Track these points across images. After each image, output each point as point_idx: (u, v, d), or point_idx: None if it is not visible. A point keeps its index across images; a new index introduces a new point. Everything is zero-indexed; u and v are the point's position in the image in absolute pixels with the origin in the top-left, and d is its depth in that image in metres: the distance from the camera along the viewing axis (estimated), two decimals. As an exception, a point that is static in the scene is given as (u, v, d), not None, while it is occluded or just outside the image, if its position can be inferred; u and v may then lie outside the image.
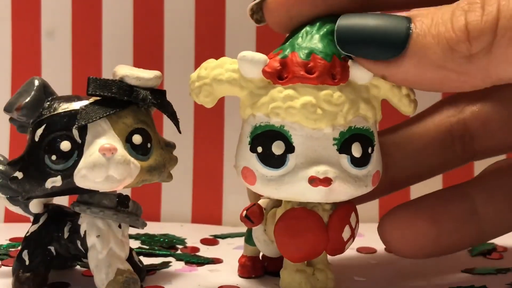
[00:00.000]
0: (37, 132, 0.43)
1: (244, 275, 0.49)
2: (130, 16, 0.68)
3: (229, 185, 0.68)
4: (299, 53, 0.42)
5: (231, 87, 0.42)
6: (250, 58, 0.41)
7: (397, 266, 0.50)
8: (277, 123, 0.41)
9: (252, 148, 0.42)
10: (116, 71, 0.44)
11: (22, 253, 0.46)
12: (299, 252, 0.43)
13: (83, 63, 0.68)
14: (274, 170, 0.41)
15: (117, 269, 0.44)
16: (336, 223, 0.43)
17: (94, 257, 0.44)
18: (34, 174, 0.43)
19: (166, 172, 0.46)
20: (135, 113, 0.44)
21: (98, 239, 0.44)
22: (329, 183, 0.40)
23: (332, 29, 0.42)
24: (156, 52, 0.68)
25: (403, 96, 0.42)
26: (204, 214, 0.63)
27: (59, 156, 0.42)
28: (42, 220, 0.47)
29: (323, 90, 0.41)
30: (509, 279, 0.49)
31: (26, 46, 0.68)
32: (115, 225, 0.45)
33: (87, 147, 0.42)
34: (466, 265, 0.51)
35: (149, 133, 0.44)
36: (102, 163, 0.41)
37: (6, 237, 0.60)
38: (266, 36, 0.68)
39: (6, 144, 0.69)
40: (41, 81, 0.44)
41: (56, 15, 0.68)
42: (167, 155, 0.46)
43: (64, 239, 0.46)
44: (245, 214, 0.45)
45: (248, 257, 0.49)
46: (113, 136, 0.43)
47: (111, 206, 0.45)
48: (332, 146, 0.41)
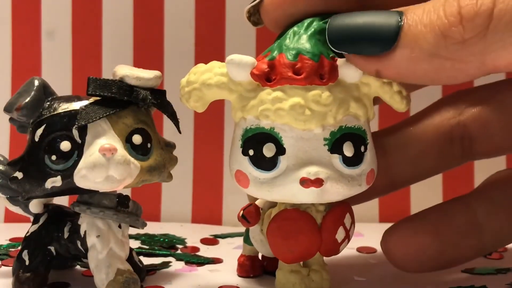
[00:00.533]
0: (37, 132, 0.43)
1: (242, 275, 0.49)
2: (130, 16, 0.68)
3: (229, 185, 0.67)
4: (287, 54, 0.41)
5: (220, 91, 0.42)
6: (238, 61, 0.41)
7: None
8: (267, 125, 0.41)
9: (244, 151, 0.42)
10: (116, 71, 0.44)
11: (22, 253, 0.46)
12: (291, 253, 0.43)
13: (83, 63, 0.68)
14: (266, 172, 0.41)
15: (117, 269, 0.44)
16: (329, 225, 0.43)
17: (94, 257, 0.44)
18: (34, 174, 0.43)
19: (166, 172, 0.46)
20: (135, 113, 0.44)
21: (98, 239, 0.44)
22: (321, 183, 0.40)
23: (319, 29, 0.42)
24: (156, 52, 0.68)
25: (394, 93, 0.42)
26: (204, 214, 0.63)
27: (59, 156, 0.42)
28: (42, 220, 0.47)
29: (311, 90, 0.41)
30: (509, 279, 0.49)
31: (26, 47, 0.68)
32: (115, 225, 0.45)
33: (87, 147, 0.42)
34: (466, 265, 0.51)
35: (149, 133, 0.44)
36: (102, 163, 0.41)
37: (6, 237, 0.60)
38: (266, 36, 0.67)
39: (6, 144, 0.69)
40: (41, 81, 0.44)
41: (56, 15, 0.68)
42: (167, 155, 0.46)
43: (64, 239, 0.46)
44: (242, 214, 0.45)
45: (247, 256, 0.49)
46: (113, 136, 0.43)
47: (111, 206, 0.45)
48: (323, 147, 0.41)
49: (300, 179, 0.40)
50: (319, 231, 0.43)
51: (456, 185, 0.66)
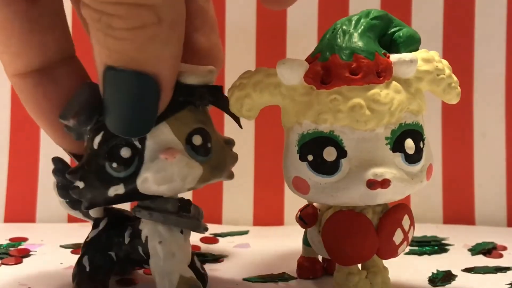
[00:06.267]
0: (95, 139, 0.41)
1: (302, 276, 0.48)
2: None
3: (229, 184, 0.67)
4: (340, 55, 0.40)
5: (272, 97, 0.41)
6: (290, 65, 0.40)
7: (397, 266, 0.50)
8: (326, 129, 0.40)
9: (301, 157, 0.41)
10: None
11: (82, 258, 0.44)
12: (347, 255, 0.42)
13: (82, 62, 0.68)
14: (327, 177, 0.40)
15: (179, 276, 0.42)
16: (387, 226, 0.42)
17: (156, 264, 0.42)
18: (95, 183, 0.41)
19: (227, 171, 0.44)
20: (192, 113, 0.42)
21: (160, 245, 0.42)
22: (388, 184, 0.39)
23: (369, 26, 0.41)
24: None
25: (446, 86, 0.42)
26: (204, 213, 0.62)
27: (120, 163, 0.40)
28: (102, 225, 0.45)
29: (370, 90, 0.40)
30: (509, 278, 0.49)
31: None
32: (177, 230, 0.42)
33: (147, 152, 0.40)
34: (466, 265, 0.51)
35: (208, 132, 0.42)
36: (165, 168, 0.40)
37: (6, 237, 0.59)
38: (266, 36, 0.68)
39: (6, 144, 0.69)
40: (93, 86, 0.41)
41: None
42: (227, 153, 0.44)
43: (125, 244, 0.44)
44: (299, 215, 0.44)
45: (306, 258, 0.48)
46: (173, 140, 0.41)
47: (173, 211, 0.42)
48: (385, 146, 0.40)
49: (366, 181, 0.39)
50: (376, 233, 0.42)
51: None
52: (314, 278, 0.48)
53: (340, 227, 0.42)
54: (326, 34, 0.42)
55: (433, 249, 0.56)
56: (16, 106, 0.68)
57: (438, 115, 0.68)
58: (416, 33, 0.43)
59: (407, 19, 0.68)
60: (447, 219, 0.68)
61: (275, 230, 0.65)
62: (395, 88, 0.40)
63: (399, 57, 0.41)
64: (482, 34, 0.68)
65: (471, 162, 0.68)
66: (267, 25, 0.67)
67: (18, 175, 0.69)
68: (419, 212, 0.64)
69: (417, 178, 0.41)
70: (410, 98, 0.41)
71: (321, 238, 0.43)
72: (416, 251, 0.56)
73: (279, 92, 0.41)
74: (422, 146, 0.41)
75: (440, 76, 0.42)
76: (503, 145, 0.68)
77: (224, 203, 0.68)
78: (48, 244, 0.58)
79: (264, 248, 0.57)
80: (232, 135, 0.46)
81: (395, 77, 0.41)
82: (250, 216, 0.68)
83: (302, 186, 0.41)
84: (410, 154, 0.41)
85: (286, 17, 0.67)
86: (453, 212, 0.68)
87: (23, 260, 0.53)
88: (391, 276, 0.45)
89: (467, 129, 0.69)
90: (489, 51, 0.68)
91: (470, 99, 0.68)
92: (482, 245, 0.57)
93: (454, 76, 0.42)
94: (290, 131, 0.42)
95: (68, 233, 0.62)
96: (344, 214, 0.42)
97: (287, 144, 0.42)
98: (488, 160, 0.68)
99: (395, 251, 0.43)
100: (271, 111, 0.44)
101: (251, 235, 0.63)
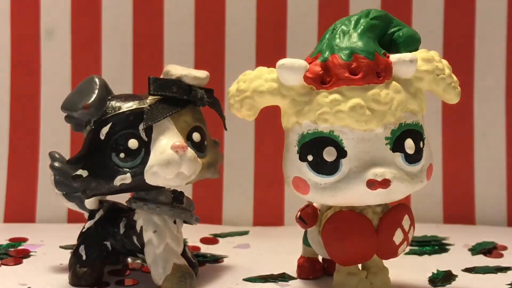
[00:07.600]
0: (103, 130, 0.43)
1: (302, 276, 0.48)
2: (130, 16, 0.68)
3: (229, 184, 0.67)
4: (340, 54, 0.40)
5: (272, 97, 0.41)
6: (290, 65, 0.40)
7: (397, 266, 0.50)
8: (326, 129, 0.40)
9: (301, 157, 0.41)
10: (171, 71, 0.44)
11: (79, 248, 0.46)
12: (346, 255, 0.42)
13: (82, 62, 0.68)
14: (327, 177, 0.40)
15: (173, 264, 0.44)
16: (387, 226, 0.42)
17: (151, 252, 0.44)
18: (101, 172, 0.43)
19: (217, 168, 0.46)
20: (192, 112, 0.45)
21: (155, 235, 0.44)
22: (388, 184, 0.39)
23: (368, 26, 0.41)
24: (156, 52, 0.68)
25: (447, 86, 0.42)
26: (204, 214, 0.62)
27: (127, 153, 0.42)
28: (98, 216, 0.47)
29: (370, 90, 0.40)
30: (509, 279, 0.49)
31: (26, 46, 0.68)
32: (171, 220, 0.45)
33: (153, 144, 0.42)
34: (466, 265, 0.51)
35: (204, 131, 0.45)
36: (175, 160, 0.42)
37: (6, 237, 0.59)
38: (266, 36, 0.68)
39: (6, 143, 0.69)
40: (102, 79, 0.44)
41: (56, 15, 0.68)
42: (217, 152, 0.46)
43: (120, 234, 0.46)
44: (299, 215, 0.44)
45: (306, 258, 0.48)
46: (177, 134, 0.43)
47: (167, 202, 0.45)
48: (385, 146, 0.40)
49: (366, 181, 0.39)
50: (375, 233, 0.42)
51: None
52: (314, 278, 0.48)
53: (340, 227, 0.42)
54: (325, 34, 0.42)
55: (433, 249, 0.56)
56: (17, 106, 0.68)
57: (438, 115, 0.68)
58: (416, 33, 0.43)
59: (407, 19, 0.68)
60: (448, 219, 0.68)
61: (275, 230, 0.65)
62: (395, 88, 0.40)
63: (399, 57, 0.41)
64: (482, 34, 0.68)
65: (471, 162, 0.68)
66: (267, 24, 0.67)
67: (18, 175, 0.69)
68: (419, 212, 0.64)
69: (417, 178, 0.41)
70: (410, 98, 0.41)
71: (321, 238, 0.43)
72: (416, 251, 0.56)
73: (279, 92, 0.41)
74: (422, 146, 0.41)
75: (440, 76, 0.42)
76: (503, 145, 0.68)
77: (224, 203, 0.68)
78: (48, 245, 0.58)
79: (264, 248, 0.57)
80: (232, 135, 0.47)
81: (395, 77, 0.41)
82: (250, 216, 0.68)
83: (302, 186, 0.41)
84: (410, 154, 0.41)
85: (286, 17, 0.67)
86: (453, 212, 0.68)
87: (23, 260, 0.53)
88: (391, 276, 0.45)
89: (467, 129, 0.68)
90: (489, 51, 0.68)
91: (470, 99, 0.68)
92: (482, 244, 0.57)
93: (454, 76, 0.43)
94: (290, 131, 0.42)
95: (68, 234, 0.62)
96: (344, 214, 0.42)
97: (287, 144, 0.42)
98: (488, 160, 0.68)
99: (395, 251, 0.43)
100: (271, 111, 0.44)
101: (251, 235, 0.63)
